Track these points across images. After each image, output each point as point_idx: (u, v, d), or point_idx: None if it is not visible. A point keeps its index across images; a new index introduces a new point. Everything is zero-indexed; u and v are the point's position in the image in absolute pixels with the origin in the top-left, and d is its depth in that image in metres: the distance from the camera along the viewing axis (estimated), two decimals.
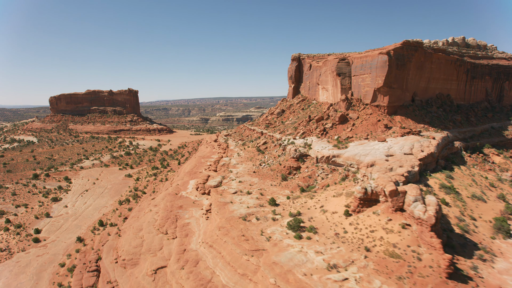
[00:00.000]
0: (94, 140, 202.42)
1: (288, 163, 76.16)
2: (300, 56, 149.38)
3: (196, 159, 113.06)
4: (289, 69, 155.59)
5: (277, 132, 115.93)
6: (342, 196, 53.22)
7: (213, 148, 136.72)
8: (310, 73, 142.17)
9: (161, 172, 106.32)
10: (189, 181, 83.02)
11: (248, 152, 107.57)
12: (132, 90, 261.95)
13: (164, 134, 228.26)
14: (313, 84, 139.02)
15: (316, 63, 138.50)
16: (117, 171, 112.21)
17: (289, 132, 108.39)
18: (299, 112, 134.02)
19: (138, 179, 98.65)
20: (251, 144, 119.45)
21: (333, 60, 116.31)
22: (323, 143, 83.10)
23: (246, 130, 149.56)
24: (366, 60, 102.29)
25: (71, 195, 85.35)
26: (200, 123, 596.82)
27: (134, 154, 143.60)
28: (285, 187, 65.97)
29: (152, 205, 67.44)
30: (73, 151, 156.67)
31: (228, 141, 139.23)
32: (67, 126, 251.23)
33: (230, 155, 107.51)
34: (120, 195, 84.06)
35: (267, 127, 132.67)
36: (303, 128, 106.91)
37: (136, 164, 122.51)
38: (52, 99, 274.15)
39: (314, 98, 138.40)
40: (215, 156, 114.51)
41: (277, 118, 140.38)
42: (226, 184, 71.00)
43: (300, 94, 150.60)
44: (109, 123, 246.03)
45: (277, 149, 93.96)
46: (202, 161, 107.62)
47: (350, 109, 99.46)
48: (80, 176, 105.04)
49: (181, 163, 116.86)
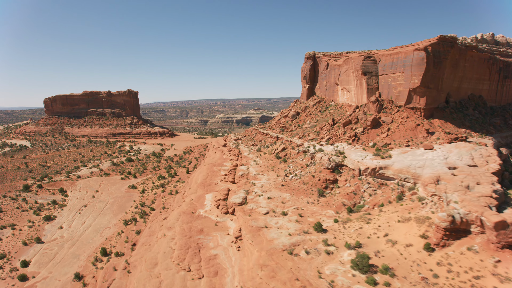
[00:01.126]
0: (92, 144, 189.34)
1: (322, 175, 65.41)
2: (315, 54, 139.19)
3: (207, 168, 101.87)
4: (302, 68, 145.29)
5: (296, 137, 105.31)
6: (411, 222, 42.50)
7: (223, 154, 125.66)
8: (327, 73, 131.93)
9: (168, 182, 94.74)
10: (205, 195, 71.87)
11: (266, 159, 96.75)
12: (132, 91, 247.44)
13: (166, 137, 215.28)
14: (330, 84, 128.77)
15: (334, 61, 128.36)
16: (118, 181, 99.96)
17: (311, 137, 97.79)
18: (317, 114, 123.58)
19: (144, 191, 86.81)
20: (267, 150, 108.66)
21: (357, 58, 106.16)
22: (359, 151, 72.56)
23: (258, 134, 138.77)
24: (398, 57, 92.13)
25: (67, 212, 73.13)
26: (199, 125, 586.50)
27: (137, 161, 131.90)
28: (326, 206, 55.15)
29: (165, 228, 56.22)
30: (69, 157, 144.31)
31: (239, 146, 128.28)
32: (62, 129, 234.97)
33: (246, 163, 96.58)
34: (125, 212, 72.00)
35: (282, 131, 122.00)
36: (327, 132, 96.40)
37: (140, 172, 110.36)
38: (47, 101, 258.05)
39: (332, 100, 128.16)
40: (228, 163, 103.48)
41: (292, 121, 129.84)
42: (253, 201, 60.02)
43: (315, 95, 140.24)
44: (108, 126, 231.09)
45: (302, 157, 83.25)
46: (214, 170, 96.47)
47: (382, 112, 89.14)
48: (77, 188, 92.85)
49: (190, 172, 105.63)
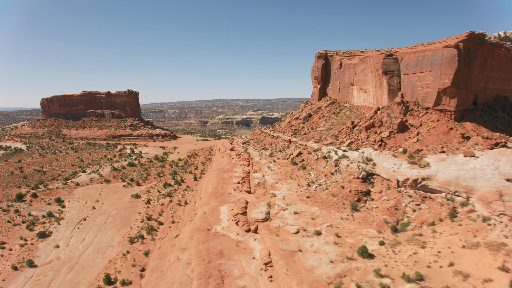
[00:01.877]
0: (91, 147, 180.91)
1: (353, 185, 58.20)
2: (327, 53, 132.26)
3: (216, 174, 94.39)
4: (313, 68, 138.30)
5: (311, 141, 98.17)
6: (481, 249, 35.27)
7: (231, 158, 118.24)
8: (340, 72, 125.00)
9: (175, 190, 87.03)
10: (219, 207, 64.42)
11: (281, 165, 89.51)
12: (132, 91, 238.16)
13: (168, 140, 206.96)
14: (345, 84, 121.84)
15: (348, 60, 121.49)
16: (120, 189, 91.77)
17: (329, 142, 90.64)
18: (331, 116, 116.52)
19: (149, 201, 78.74)
20: (280, 154, 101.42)
21: (376, 57, 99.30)
22: (389, 158, 65.46)
23: (267, 136, 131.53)
24: (425, 55, 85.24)
25: (64, 227, 64.60)
26: (199, 126, 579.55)
27: (139, 166, 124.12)
28: (364, 223, 47.88)
29: (178, 249, 48.76)
30: (66, 161, 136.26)
31: (248, 150, 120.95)
32: (60, 131, 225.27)
33: (259, 169, 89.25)
34: (129, 227, 63.71)
35: (294, 134, 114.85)
36: (347, 136, 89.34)
37: (143, 179, 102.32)
38: (44, 101, 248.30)
39: (346, 101, 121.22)
40: (239, 169, 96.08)
41: (304, 124, 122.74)
42: (278, 217, 52.72)
43: (327, 96, 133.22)
44: (107, 128, 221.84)
45: (323, 164, 76.02)
46: (225, 177, 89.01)
47: (408, 114, 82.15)
48: (75, 197, 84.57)
49: (198, 178, 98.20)
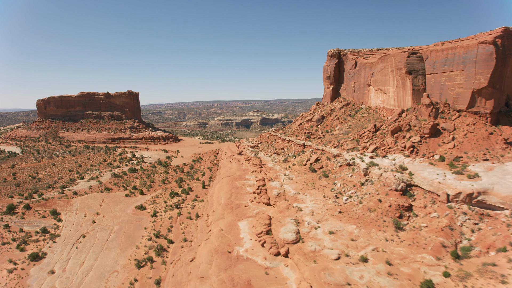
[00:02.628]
0: (89, 151, 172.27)
1: (391, 199, 51.03)
2: (340, 52, 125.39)
3: (227, 182, 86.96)
4: (325, 67, 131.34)
5: (329, 146, 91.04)
6: None
7: (240, 163, 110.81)
8: (355, 72, 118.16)
9: (184, 201, 79.20)
10: (237, 223, 57.02)
11: (299, 172, 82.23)
12: (132, 92, 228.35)
13: (170, 143, 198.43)
14: (360, 85, 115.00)
15: (364, 59, 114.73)
16: (123, 199, 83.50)
17: (349, 147, 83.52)
18: (346, 119, 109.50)
19: (156, 213, 70.67)
20: (295, 160, 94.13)
21: (399, 55, 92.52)
22: (427, 166, 58.43)
23: (277, 140, 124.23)
24: (455, 52, 78.45)
25: (60, 246, 56.13)
26: (199, 128, 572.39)
27: (141, 171, 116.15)
28: (415, 246, 40.62)
29: (196, 278, 41.33)
30: (63, 166, 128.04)
31: (258, 154, 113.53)
32: (57, 133, 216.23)
33: (275, 177, 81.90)
34: (135, 246, 55.32)
35: (308, 138, 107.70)
36: (370, 141, 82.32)
37: (147, 187, 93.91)
38: (40, 103, 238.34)
39: (362, 102, 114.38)
40: (251, 176, 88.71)
41: (317, 126, 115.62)
42: (311, 237, 45.43)
43: (341, 97, 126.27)
44: (106, 130, 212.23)
45: (348, 172, 68.84)
46: (237, 185, 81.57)
47: (439, 117, 75.19)
48: (73, 208, 76.38)
49: (207, 186, 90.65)
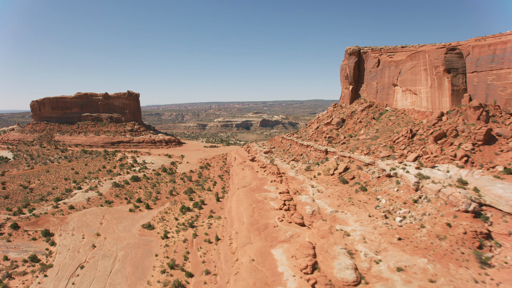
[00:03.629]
0: (87, 155, 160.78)
1: (463, 223, 41.49)
2: (360, 49, 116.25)
3: (245, 194, 76.98)
4: (343, 66, 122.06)
5: (357, 152, 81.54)
6: None
7: (254, 171, 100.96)
8: (378, 71, 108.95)
9: (197, 217, 68.16)
10: (270, 250, 47.10)
11: (327, 184, 72.46)
12: (132, 93, 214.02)
13: (173, 146, 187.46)
14: (384, 85, 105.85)
15: (388, 57, 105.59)
16: (126, 215, 71.75)
17: (384, 154, 73.97)
18: (370, 122, 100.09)
19: (167, 234, 58.94)
20: (319, 169, 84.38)
21: (434, 51, 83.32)
22: (494, 181, 48.90)
23: (293, 145, 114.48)
24: (506, 47, 69.25)
25: (52, 282, 43.07)
26: (198, 129, 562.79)
27: (145, 180, 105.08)
28: None
29: None
30: (59, 174, 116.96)
31: (274, 161, 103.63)
32: (52, 137, 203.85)
33: (301, 189, 72.06)
34: (147, 282, 42.46)
35: (330, 143, 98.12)
36: (407, 147, 72.83)
37: (153, 199, 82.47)
38: (34, 104, 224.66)
39: (386, 104, 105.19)
40: (271, 187, 78.87)
41: (337, 130, 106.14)
42: (374, 276, 35.68)
43: (361, 98, 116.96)
44: (105, 133, 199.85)
45: (392, 185, 59.17)
46: (257, 198, 71.60)
47: (491, 121, 65.88)
48: (69, 227, 64.68)
49: (221, 199, 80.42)
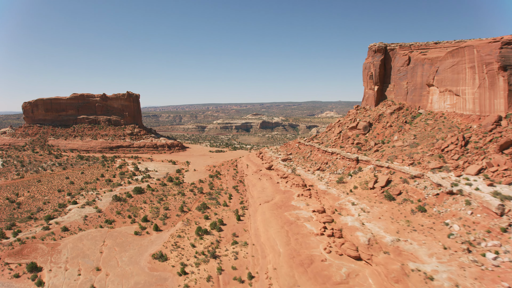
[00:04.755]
0: (84, 162, 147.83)
1: None
2: (386, 46, 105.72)
3: (271, 212, 65.61)
4: (367, 65, 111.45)
5: (397, 161, 70.75)
6: None
7: (274, 182, 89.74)
8: (409, 70, 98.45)
9: (219, 243, 55.77)
10: None
11: (369, 200, 61.43)
12: (132, 93, 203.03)
13: (176, 151, 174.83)
14: (416, 85, 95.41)
15: (420, 55, 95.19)
16: (131, 239, 57.66)
17: (433, 165, 63.27)
18: (403, 127, 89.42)
19: (184, 269, 45.42)
20: (353, 180, 73.31)
21: (486, 46, 72.81)
22: None
23: (313, 151, 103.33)
24: None
25: None
26: (197, 132, 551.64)
27: (149, 192, 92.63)
28: None
29: None
30: (52, 184, 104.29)
31: (296, 170, 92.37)
32: (45, 141, 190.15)
33: (340, 207, 60.90)
34: None
35: (359, 150, 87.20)
36: (461, 157, 62.08)
37: (161, 218, 69.49)
38: (27, 106, 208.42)
39: (419, 106, 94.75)
40: (300, 203, 67.62)
41: (365, 136, 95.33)
42: None
43: (388, 100, 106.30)
44: (103, 137, 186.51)
45: (463, 207, 48.19)
46: (288, 219, 60.28)
47: None
48: (61, 258, 51.36)
49: (241, 216, 68.84)
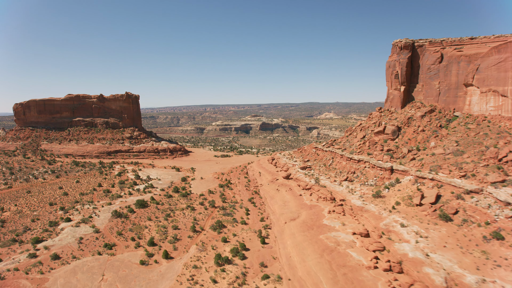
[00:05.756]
0: (79, 168, 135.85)
1: None
2: (414, 42, 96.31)
3: (303, 235, 55.65)
4: (391, 63, 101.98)
5: (442, 172, 61.13)
6: None
7: (295, 193, 79.77)
8: (441, 68, 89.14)
9: (245, 277, 44.66)
10: None
11: (420, 220, 51.58)
12: (131, 94, 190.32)
13: (179, 156, 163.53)
14: (451, 85, 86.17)
15: (456, 51, 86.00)
16: (137, 271, 47.77)
17: (493, 178, 54.23)
18: (438, 131, 79.99)
19: None
20: (392, 194, 63.40)
21: None
22: None
23: (336, 158, 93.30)
24: None
25: None
26: (196, 133, 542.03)
27: (153, 205, 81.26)
28: None
29: None
30: (43, 196, 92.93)
31: (320, 180, 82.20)
32: (38, 145, 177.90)
33: (387, 229, 50.96)
34: None
35: (391, 158, 77.41)
36: None
37: (171, 241, 58.05)
38: (18, 107, 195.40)
39: (454, 108, 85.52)
40: (335, 223, 57.70)
41: (395, 141, 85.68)
42: None
43: (416, 101, 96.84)
44: (100, 141, 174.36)
45: None
46: (327, 244, 50.34)
47: None
48: None
49: (266, 239, 58.48)
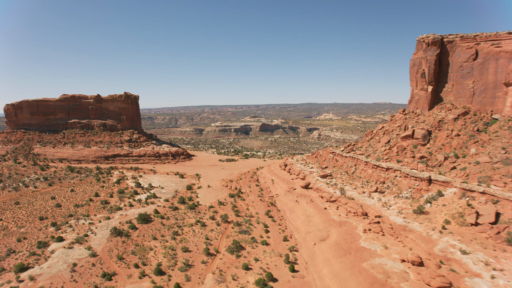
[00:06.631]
0: (74, 175, 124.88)
1: None
2: (443, 38, 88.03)
3: (341, 262, 46.96)
4: (416, 60, 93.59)
5: (496, 184, 53.14)
6: None
7: (319, 206, 70.98)
8: (476, 66, 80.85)
9: None
10: None
11: (482, 244, 43.37)
12: (131, 95, 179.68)
13: (182, 161, 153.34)
14: (487, 84, 78.00)
15: (493, 47, 77.84)
16: None
17: None
18: (475, 136, 71.70)
19: None
20: (437, 210, 54.79)
21: None
22: None
23: (359, 165, 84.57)
24: None
25: None
26: (194, 135, 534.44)
27: (157, 220, 71.37)
28: None
29: None
30: (33, 208, 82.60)
31: (345, 191, 73.24)
32: (30, 149, 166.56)
33: (445, 257, 42.39)
34: None
35: (427, 166, 68.81)
36: None
37: (183, 269, 48.26)
38: (9, 108, 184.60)
39: (492, 110, 77.34)
40: (375, 246, 49.14)
41: (426, 147, 77.17)
42: None
43: (446, 102, 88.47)
44: (97, 145, 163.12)
45: None
46: (375, 276, 41.91)
47: None
48: None
49: (295, 265, 49.27)
